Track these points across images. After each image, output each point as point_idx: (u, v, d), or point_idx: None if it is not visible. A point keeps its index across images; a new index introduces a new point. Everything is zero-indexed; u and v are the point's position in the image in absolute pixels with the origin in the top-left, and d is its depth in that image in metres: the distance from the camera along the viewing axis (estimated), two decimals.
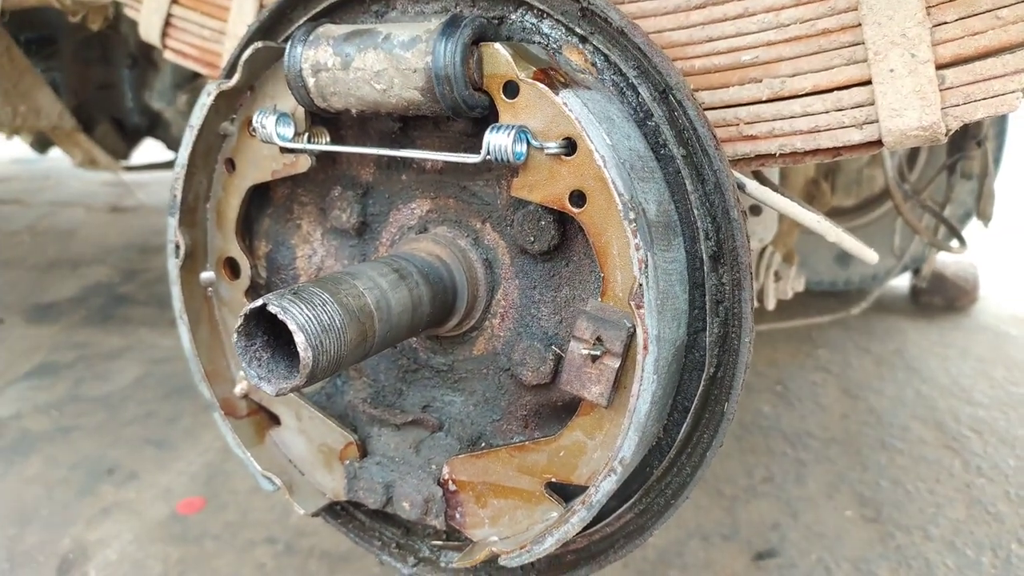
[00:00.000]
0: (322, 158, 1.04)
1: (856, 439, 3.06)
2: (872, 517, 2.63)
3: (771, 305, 1.60)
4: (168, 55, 1.51)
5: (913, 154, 3.52)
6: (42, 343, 3.97)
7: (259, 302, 0.77)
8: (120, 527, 2.70)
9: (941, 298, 4.07)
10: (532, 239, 0.94)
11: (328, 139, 1.02)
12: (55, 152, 4.05)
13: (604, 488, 0.83)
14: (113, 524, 2.72)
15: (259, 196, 1.11)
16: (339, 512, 1.16)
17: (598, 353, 0.81)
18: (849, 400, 3.33)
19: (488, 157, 0.84)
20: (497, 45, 0.82)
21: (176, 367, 3.65)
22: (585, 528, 0.96)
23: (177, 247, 1.07)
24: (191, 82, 3.05)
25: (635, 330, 0.80)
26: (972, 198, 2.78)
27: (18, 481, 2.96)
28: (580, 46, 0.89)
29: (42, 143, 3.65)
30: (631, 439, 0.80)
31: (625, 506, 0.94)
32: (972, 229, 3.55)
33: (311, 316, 0.77)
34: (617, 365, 0.81)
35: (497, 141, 0.82)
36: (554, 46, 0.90)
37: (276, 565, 2.48)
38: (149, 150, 3.93)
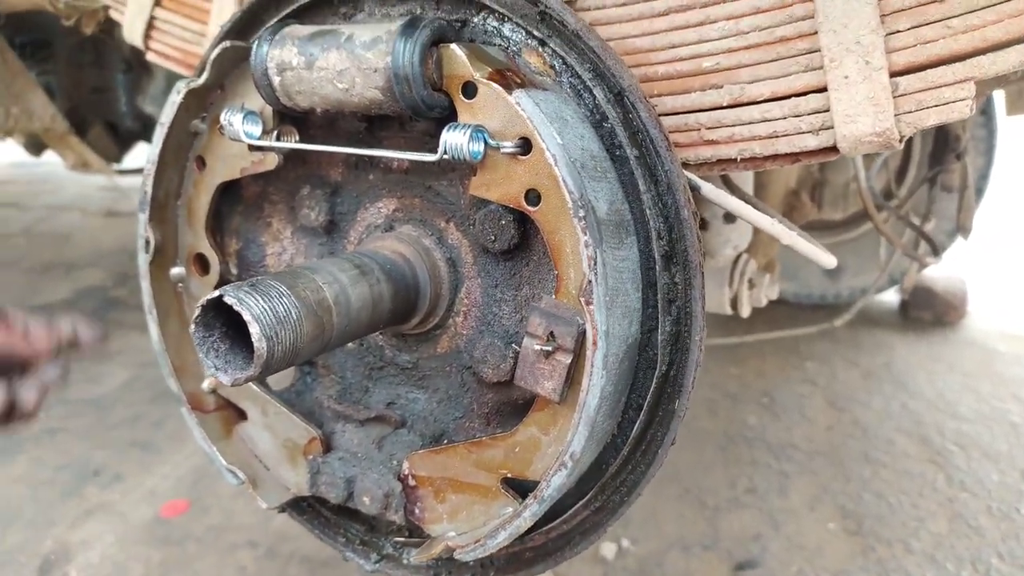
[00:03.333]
0: (291, 157, 1.06)
1: (840, 452, 3.06)
2: (854, 530, 2.63)
3: (745, 313, 1.62)
4: (151, 57, 1.53)
5: (902, 170, 3.54)
6: None
7: (216, 293, 0.78)
8: (103, 528, 2.70)
9: (930, 313, 4.08)
10: (493, 238, 0.95)
11: (297, 138, 1.04)
12: (53, 157, 4.08)
13: (555, 482, 0.84)
14: (96, 525, 2.72)
15: (230, 194, 1.13)
16: (305, 508, 1.17)
17: (551, 349, 0.83)
18: (835, 412, 3.33)
19: (445, 156, 0.85)
20: (454, 46, 0.84)
21: None
22: (542, 525, 0.98)
23: (147, 242, 1.08)
24: None
25: (586, 326, 0.82)
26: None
27: (3, 481, 2.96)
28: (539, 49, 0.91)
29: (36, 145, 3.68)
30: (581, 433, 0.82)
31: (580, 503, 0.95)
32: (960, 244, 3.57)
33: (267, 307, 0.78)
34: (569, 361, 0.82)
35: (453, 140, 0.84)
36: (514, 49, 0.92)
37: (257, 569, 2.49)
38: (142, 155, 3.96)
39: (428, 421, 1.06)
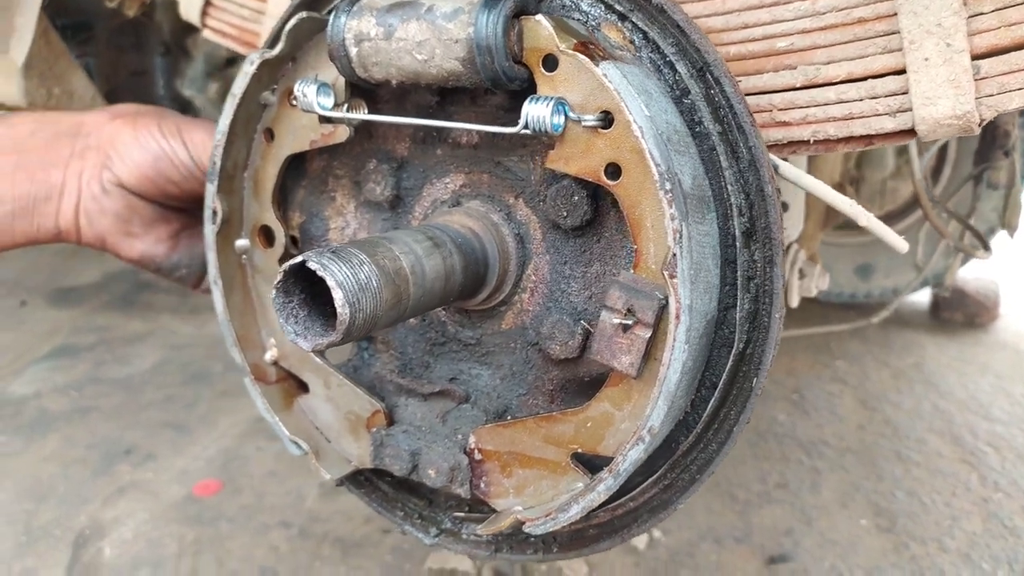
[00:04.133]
0: (359, 131, 1.06)
1: (872, 450, 3.04)
2: (887, 527, 2.61)
3: (795, 302, 1.61)
4: (207, 34, 1.54)
5: (938, 167, 3.51)
6: (63, 325, 4.03)
7: (299, 259, 0.78)
8: (136, 506, 2.73)
9: (961, 314, 4.05)
10: (565, 214, 0.95)
11: (366, 111, 1.04)
12: None
13: (632, 457, 0.84)
14: (129, 503, 2.75)
15: (295, 167, 1.13)
16: (363, 482, 1.17)
17: (630, 323, 0.82)
18: (866, 411, 3.31)
19: (525, 130, 0.85)
20: (539, 17, 0.84)
21: (195, 353, 3.69)
22: (609, 502, 0.97)
23: (214, 213, 1.09)
24: (222, 71, 3.09)
25: (667, 301, 0.81)
26: (996, 213, 2.78)
27: (36, 459, 3.00)
28: (619, 24, 0.90)
29: None
30: (660, 408, 0.81)
31: (649, 481, 0.95)
32: (1000, 243, 3.53)
33: (349, 274, 0.78)
34: (648, 335, 0.82)
35: (536, 112, 0.83)
36: (592, 23, 0.91)
37: (290, 548, 2.51)
38: None
39: (491, 397, 1.06)
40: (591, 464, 0.94)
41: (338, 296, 0.77)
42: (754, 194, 0.86)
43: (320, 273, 0.77)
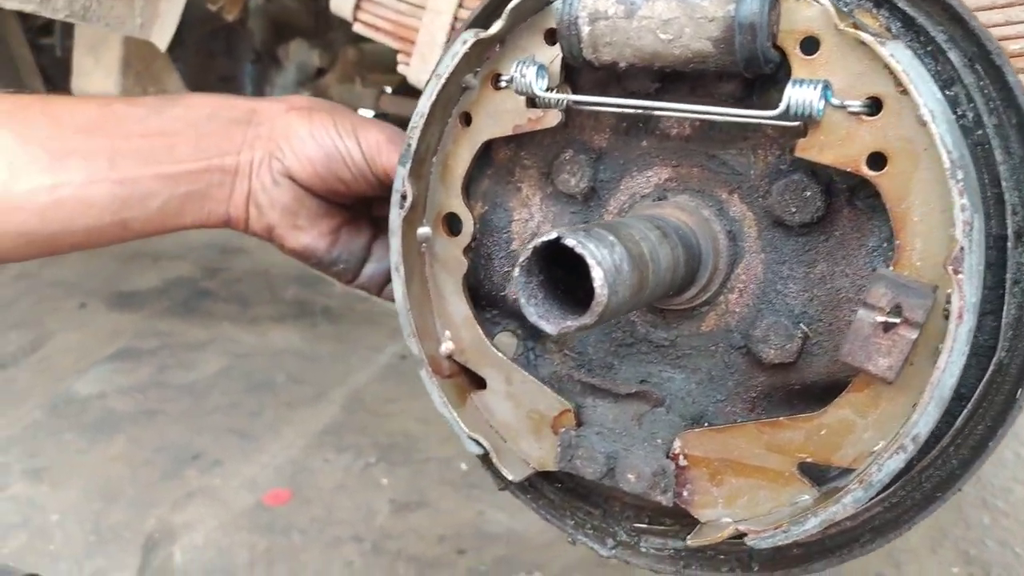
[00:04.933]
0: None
1: (956, 496, 2.93)
2: None
3: None
4: (358, 28, 1.52)
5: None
6: (124, 329, 4.01)
7: (552, 235, 0.74)
8: (205, 512, 2.68)
9: None
10: (794, 210, 0.90)
11: (571, 95, 1.00)
12: None
13: (889, 467, 0.78)
14: (198, 509, 2.70)
15: (482, 156, 1.09)
16: (527, 487, 1.12)
17: (896, 321, 0.77)
18: None
19: (784, 120, 0.81)
20: None
21: (258, 363, 3.65)
22: None
23: (403, 197, 1.05)
24: (313, 80, 3.09)
25: (934, 300, 0.76)
26: None
27: (103, 459, 2.96)
28: (874, 11, 0.87)
29: None
30: (930, 415, 0.76)
31: (875, 497, 0.89)
32: None
33: (606, 254, 0.74)
34: (915, 336, 0.76)
35: (802, 96, 0.79)
36: (844, 10, 0.87)
37: (364, 564, 2.44)
38: None
39: (686, 402, 1.01)
40: (816, 475, 0.88)
41: (598, 275, 0.72)
42: None
43: (579, 251, 0.73)
